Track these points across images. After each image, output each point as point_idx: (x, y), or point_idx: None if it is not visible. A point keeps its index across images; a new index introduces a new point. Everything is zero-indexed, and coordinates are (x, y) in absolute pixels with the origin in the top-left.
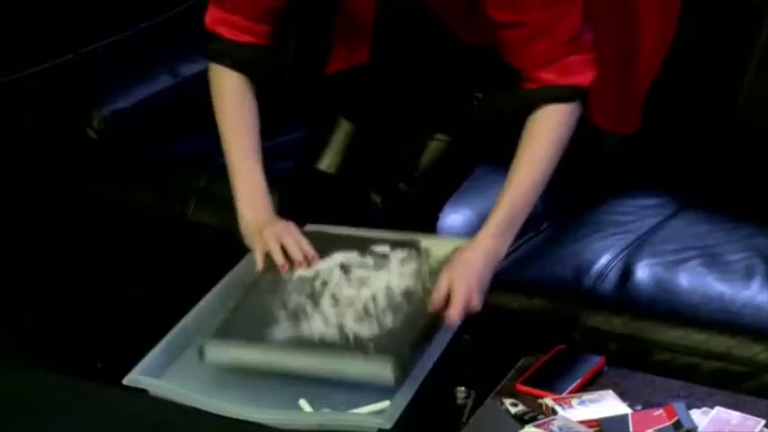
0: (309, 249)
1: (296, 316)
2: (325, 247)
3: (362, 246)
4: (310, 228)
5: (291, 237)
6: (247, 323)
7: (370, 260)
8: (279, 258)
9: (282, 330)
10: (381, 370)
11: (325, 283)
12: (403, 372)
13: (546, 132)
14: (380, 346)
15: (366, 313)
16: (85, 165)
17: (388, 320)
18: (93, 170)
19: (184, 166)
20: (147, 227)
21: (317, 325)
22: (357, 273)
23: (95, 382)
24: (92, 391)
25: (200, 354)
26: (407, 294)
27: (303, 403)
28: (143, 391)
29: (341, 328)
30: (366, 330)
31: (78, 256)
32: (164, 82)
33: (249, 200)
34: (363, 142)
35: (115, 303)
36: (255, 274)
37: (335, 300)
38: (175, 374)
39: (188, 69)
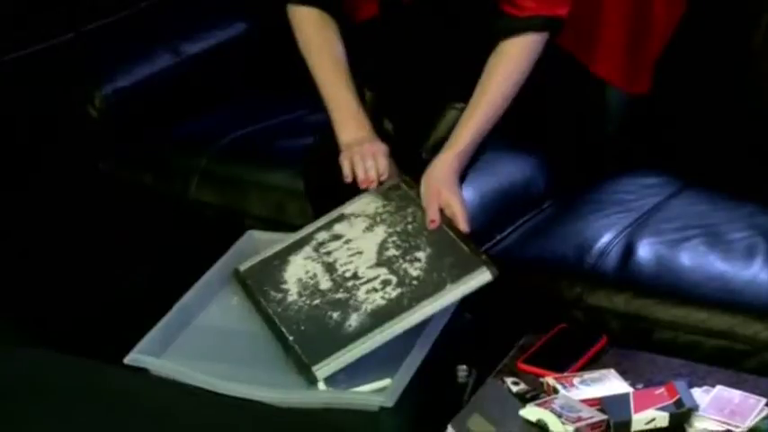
0: (384, 170)
1: (346, 305)
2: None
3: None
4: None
5: (373, 160)
6: (323, 336)
7: (353, 226)
8: (360, 174)
9: (352, 319)
10: (482, 277)
11: (329, 254)
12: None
13: (521, 59)
14: (455, 268)
15: (391, 261)
16: (87, 144)
17: (422, 254)
18: (95, 149)
19: (186, 146)
20: (148, 206)
21: (371, 294)
22: (345, 243)
23: (96, 360)
24: (93, 370)
25: (313, 381)
26: (406, 232)
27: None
28: (145, 370)
29: (396, 274)
30: (414, 271)
31: (80, 235)
32: (165, 61)
33: (344, 124)
34: (383, 110)
35: (117, 282)
36: (256, 263)
37: (356, 275)
38: (175, 353)
39: (190, 48)
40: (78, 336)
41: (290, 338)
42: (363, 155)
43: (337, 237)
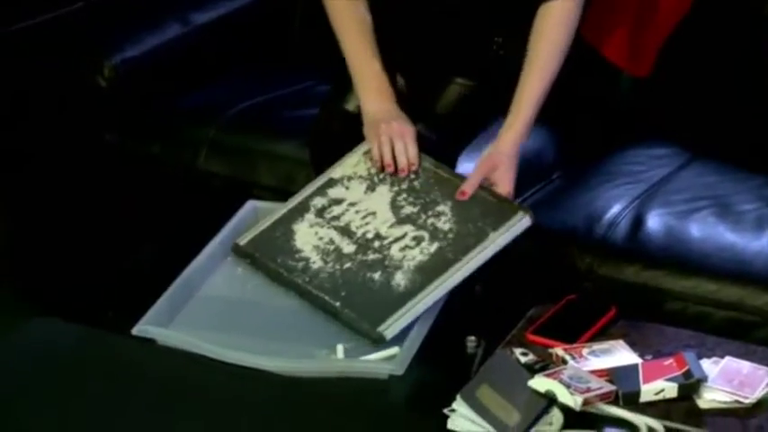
0: (415, 158)
1: (383, 265)
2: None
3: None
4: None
5: (402, 143)
6: (373, 298)
7: (351, 189)
8: (387, 158)
9: (398, 278)
10: (523, 222)
11: (337, 218)
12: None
13: (563, 20)
14: (489, 217)
15: (413, 218)
16: (95, 114)
17: (445, 208)
18: (103, 120)
19: (195, 116)
20: (157, 176)
21: (407, 252)
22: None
23: (105, 330)
24: (101, 340)
25: (381, 341)
26: (414, 189)
27: (316, 350)
28: (152, 341)
29: (425, 230)
30: (444, 224)
31: (87, 206)
32: (174, 30)
33: (366, 89)
34: (394, 67)
35: (125, 253)
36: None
37: (379, 235)
38: (182, 323)
39: (199, 18)
40: (86, 306)
41: (337, 305)
42: (392, 135)
43: (337, 201)
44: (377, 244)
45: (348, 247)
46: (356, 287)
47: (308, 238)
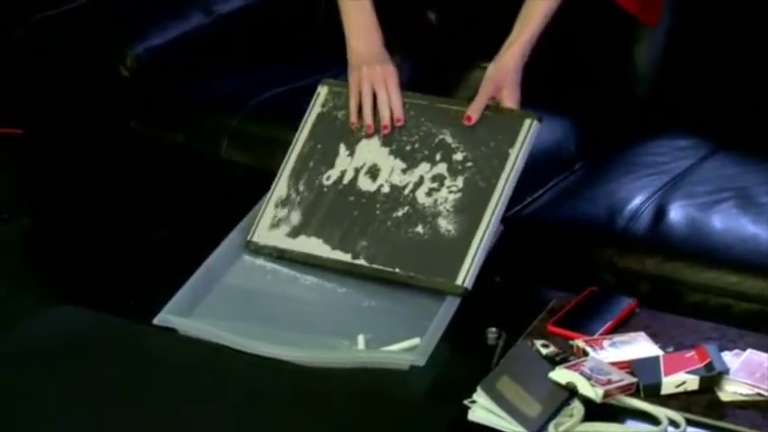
0: (399, 110)
1: (420, 216)
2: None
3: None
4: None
5: (385, 90)
6: (430, 252)
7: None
8: (368, 118)
9: (442, 224)
10: (534, 127)
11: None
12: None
13: None
14: (498, 133)
15: (420, 159)
16: (118, 103)
17: (447, 138)
18: (126, 108)
19: (218, 105)
20: (179, 165)
21: (435, 194)
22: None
23: (128, 319)
24: (123, 329)
25: (464, 294)
26: (398, 133)
27: (337, 341)
28: (173, 330)
29: (442, 166)
30: (457, 155)
31: (110, 193)
32: (197, 20)
33: (357, 31)
34: (410, 70)
35: (147, 241)
36: None
37: (395, 186)
38: (204, 313)
39: (222, 7)
40: (107, 295)
41: (398, 271)
42: (375, 81)
43: (327, 166)
44: (399, 196)
45: (370, 209)
46: (406, 247)
47: (320, 212)
